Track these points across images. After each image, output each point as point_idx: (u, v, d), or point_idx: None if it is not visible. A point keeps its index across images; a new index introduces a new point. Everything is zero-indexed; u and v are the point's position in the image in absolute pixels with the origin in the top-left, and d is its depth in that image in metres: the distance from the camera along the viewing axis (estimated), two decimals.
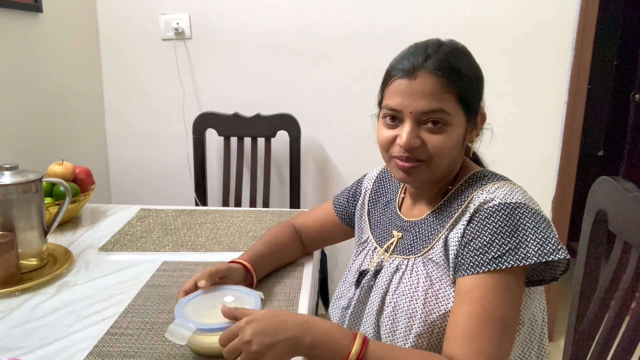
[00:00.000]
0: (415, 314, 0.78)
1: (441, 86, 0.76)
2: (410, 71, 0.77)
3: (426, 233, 0.84)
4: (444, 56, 0.77)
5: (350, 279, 0.94)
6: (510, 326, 0.71)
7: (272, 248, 1.06)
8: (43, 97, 1.68)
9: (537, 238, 0.72)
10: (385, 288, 0.84)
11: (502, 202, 0.74)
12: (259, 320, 0.70)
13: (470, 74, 0.79)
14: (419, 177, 0.81)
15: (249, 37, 1.95)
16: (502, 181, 0.80)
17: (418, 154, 0.79)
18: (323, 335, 0.70)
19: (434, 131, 0.77)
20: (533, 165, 1.94)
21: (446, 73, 0.76)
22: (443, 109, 0.76)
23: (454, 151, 0.80)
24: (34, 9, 1.60)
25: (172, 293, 1.00)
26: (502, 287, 0.71)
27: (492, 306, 0.70)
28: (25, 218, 1.06)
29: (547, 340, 0.85)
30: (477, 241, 0.74)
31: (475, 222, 0.76)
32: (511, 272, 0.72)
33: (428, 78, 0.76)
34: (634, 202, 0.82)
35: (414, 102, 0.76)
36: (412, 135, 0.77)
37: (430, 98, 0.76)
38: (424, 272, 0.80)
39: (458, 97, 0.77)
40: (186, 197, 2.06)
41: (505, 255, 0.72)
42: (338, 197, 1.10)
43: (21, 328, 0.87)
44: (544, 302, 0.84)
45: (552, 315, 2.10)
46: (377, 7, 1.87)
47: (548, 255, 0.71)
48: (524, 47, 1.85)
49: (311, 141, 2.01)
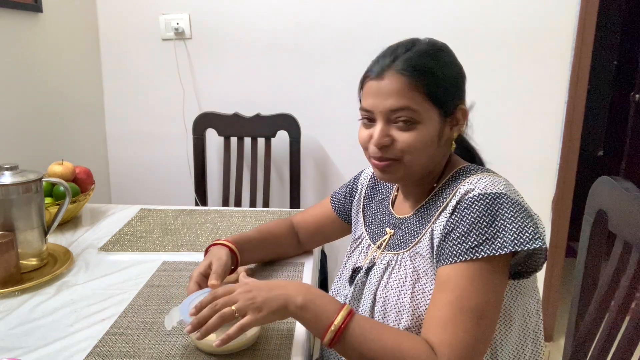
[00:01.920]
0: (404, 308, 0.79)
1: (407, 85, 0.78)
2: (379, 72, 0.80)
3: (414, 228, 0.85)
4: (412, 56, 0.79)
5: (346, 276, 0.95)
6: (487, 315, 0.71)
7: (263, 236, 1.08)
8: (43, 97, 1.68)
9: (514, 227, 0.72)
10: (376, 284, 0.85)
11: (482, 193, 0.75)
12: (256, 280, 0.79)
13: (441, 71, 0.80)
14: (395, 175, 0.83)
15: (249, 37, 1.95)
16: (486, 173, 0.81)
17: (389, 152, 0.81)
18: (315, 299, 0.74)
19: (404, 129, 0.79)
20: (533, 165, 1.94)
21: (412, 72, 0.78)
22: (409, 106, 0.78)
23: (427, 147, 0.81)
24: (34, 9, 1.60)
25: (172, 293, 1.00)
26: (478, 276, 0.72)
27: (468, 295, 0.71)
28: (25, 218, 1.06)
29: (542, 336, 0.85)
30: (457, 231, 0.75)
31: (457, 213, 0.77)
32: (488, 262, 0.72)
33: (394, 78, 0.79)
34: (634, 202, 0.82)
35: (383, 101, 0.79)
36: (382, 134, 0.80)
37: (396, 97, 0.78)
38: (411, 266, 0.81)
39: (427, 95, 0.79)
40: (186, 197, 2.06)
41: (482, 244, 0.73)
42: (336, 193, 1.12)
43: (21, 328, 0.87)
44: (537, 296, 0.84)
45: (552, 315, 2.10)
46: (377, 7, 1.87)
47: (524, 245, 0.71)
48: (524, 48, 1.85)
49: (311, 141, 2.01)
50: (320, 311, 0.73)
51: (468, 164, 0.87)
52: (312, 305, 0.74)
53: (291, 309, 0.74)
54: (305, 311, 0.74)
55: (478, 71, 1.88)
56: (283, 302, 0.74)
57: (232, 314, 0.73)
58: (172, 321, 0.80)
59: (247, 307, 0.73)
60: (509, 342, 0.80)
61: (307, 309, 0.74)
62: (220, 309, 0.74)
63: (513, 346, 0.81)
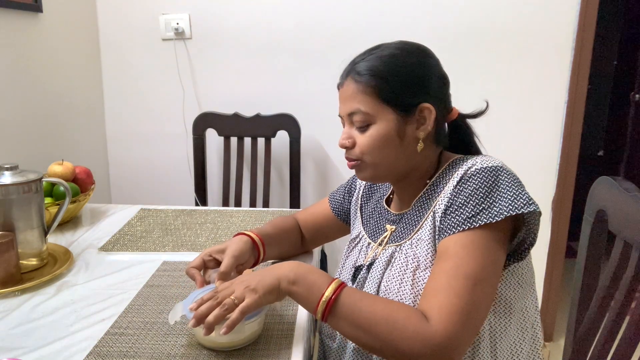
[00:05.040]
0: (405, 296, 0.79)
1: (357, 89, 0.83)
2: (341, 80, 0.87)
3: (415, 218, 0.86)
4: (364, 61, 0.84)
5: (346, 275, 0.95)
6: (483, 283, 0.72)
7: (278, 232, 1.07)
8: (43, 97, 1.68)
9: (509, 195, 0.74)
10: (380, 277, 0.85)
11: (483, 166, 0.78)
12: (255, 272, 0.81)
13: (394, 73, 0.82)
14: (365, 174, 0.87)
15: (248, 37, 1.95)
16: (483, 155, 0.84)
17: (352, 153, 0.86)
18: (306, 274, 0.77)
19: (361, 131, 0.84)
20: (533, 165, 1.94)
21: (363, 77, 0.82)
22: (360, 109, 0.82)
23: (385, 147, 0.83)
24: (34, 9, 1.60)
25: (172, 293, 1.00)
26: (475, 244, 0.73)
27: (463, 262, 0.72)
28: (25, 218, 1.06)
29: (541, 331, 0.86)
30: (456, 203, 0.77)
31: (458, 187, 0.79)
32: (485, 229, 0.74)
33: (348, 84, 0.85)
34: (634, 202, 0.82)
35: (342, 106, 0.86)
36: (344, 136, 0.86)
37: (349, 101, 0.84)
38: (412, 253, 0.82)
39: (379, 97, 0.81)
40: (186, 197, 2.06)
41: (479, 214, 0.74)
42: (334, 193, 1.12)
43: (21, 328, 0.87)
44: (535, 294, 0.85)
45: (552, 315, 2.10)
46: (377, 7, 1.87)
47: (519, 209, 0.73)
48: (524, 47, 1.85)
49: (311, 141, 2.01)
50: (311, 284, 0.75)
51: (460, 156, 0.88)
52: (302, 279, 0.76)
53: (283, 285, 0.76)
54: (297, 285, 0.76)
55: (478, 71, 1.89)
56: (276, 279, 0.77)
57: (232, 303, 0.75)
58: (175, 316, 0.81)
59: (244, 292, 0.76)
60: (508, 334, 0.81)
61: (298, 283, 0.76)
62: (221, 301, 0.75)
63: (511, 339, 0.82)
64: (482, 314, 0.73)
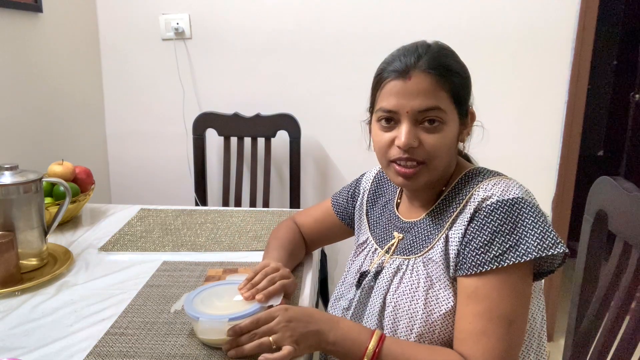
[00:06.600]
0: (417, 314, 0.78)
1: (435, 84, 0.76)
2: (403, 72, 0.77)
3: (426, 233, 0.84)
4: (434, 55, 0.78)
5: (350, 280, 0.94)
6: (517, 322, 0.73)
7: (289, 253, 1.04)
8: (43, 97, 1.68)
9: (536, 233, 0.73)
10: (386, 288, 0.84)
11: (501, 199, 0.75)
12: (294, 308, 0.78)
13: (460, 71, 0.80)
14: (420, 181, 0.81)
15: (249, 37, 1.95)
16: (498, 177, 0.81)
17: (416, 154, 0.78)
18: (345, 333, 0.76)
19: (431, 130, 0.78)
20: (533, 165, 1.94)
21: (439, 71, 0.77)
22: (439, 106, 0.77)
23: (450, 150, 0.81)
24: (34, 9, 1.60)
25: (172, 293, 1.00)
26: (506, 284, 0.73)
27: (497, 304, 0.72)
28: (25, 218, 1.06)
29: (546, 340, 0.85)
30: (478, 240, 0.75)
31: (476, 221, 0.76)
32: (514, 269, 0.73)
33: (422, 77, 0.76)
34: (634, 202, 0.82)
35: (410, 101, 0.77)
36: (411, 135, 0.77)
37: (425, 96, 0.76)
38: (425, 272, 0.81)
39: (451, 95, 0.78)
40: (186, 197, 2.06)
41: (506, 252, 0.73)
42: (337, 197, 1.10)
43: (21, 328, 0.87)
44: (542, 301, 0.84)
45: (552, 315, 2.10)
46: (377, 7, 1.87)
47: (548, 250, 0.72)
48: (524, 47, 1.85)
49: (311, 141, 2.01)
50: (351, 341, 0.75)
51: (475, 167, 0.86)
52: (341, 340, 0.76)
53: (323, 345, 0.76)
54: (336, 346, 0.76)
55: (478, 71, 1.87)
56: (317, 339, 0.76)
57: (269, 345, 0.74)
58: (177, 305, 0.83)
59: (285, 340, 0.74)
60: None
61: (337, 344, 0.76)
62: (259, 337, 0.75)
63: None
64: (519, 349, 0.74)
